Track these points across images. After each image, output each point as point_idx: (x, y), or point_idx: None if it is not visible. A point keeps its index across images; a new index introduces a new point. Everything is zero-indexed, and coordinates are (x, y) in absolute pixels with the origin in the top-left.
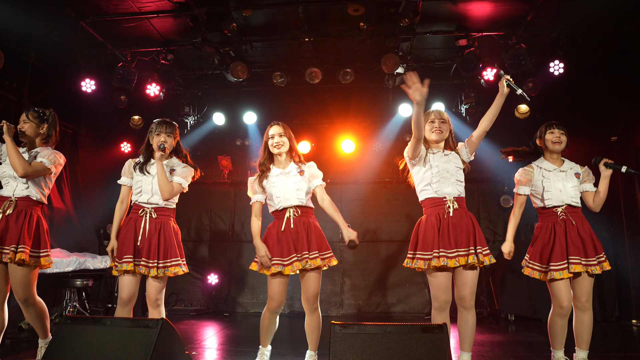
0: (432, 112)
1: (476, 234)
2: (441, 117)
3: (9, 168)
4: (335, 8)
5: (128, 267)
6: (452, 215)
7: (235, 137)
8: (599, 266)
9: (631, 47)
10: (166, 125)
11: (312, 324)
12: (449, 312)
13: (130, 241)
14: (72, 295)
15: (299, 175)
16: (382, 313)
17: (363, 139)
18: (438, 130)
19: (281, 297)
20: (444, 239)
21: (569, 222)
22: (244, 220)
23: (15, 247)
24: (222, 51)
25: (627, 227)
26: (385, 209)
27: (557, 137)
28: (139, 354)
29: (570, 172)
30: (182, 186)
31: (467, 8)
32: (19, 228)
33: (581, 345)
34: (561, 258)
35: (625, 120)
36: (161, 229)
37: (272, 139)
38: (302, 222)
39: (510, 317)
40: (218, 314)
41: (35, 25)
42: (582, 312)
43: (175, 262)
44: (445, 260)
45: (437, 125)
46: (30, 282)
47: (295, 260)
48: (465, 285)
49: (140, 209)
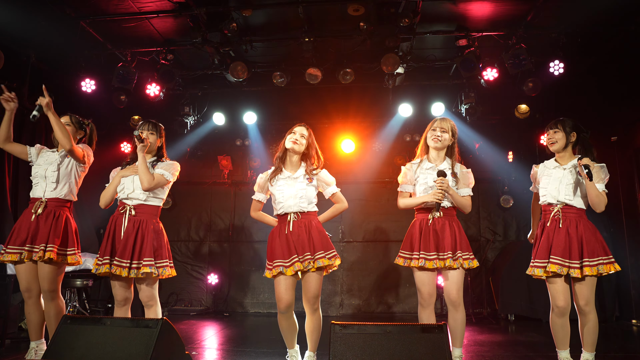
0: (436, 120)
1: (457, 240)
2: (442, 127)
3: (41, 169)
4: (335, 8)
5: (104, 269)
6: (435, 223)
7: (235, 137)
8: (578, 270)
9: (631, 47)
10: (149, 124)
11: (313, 324)
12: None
13: (109, 240)
14: (72, 295)
15: (307, 184)
16: (382, 313)
17: (363, 139)
18: (437, 139)
19: (287, 297)
20: (425, 242)
21: (560, 221)
22: (244, 220)
23: (45, 246)
24: (222, 51)
25: (627, 227)
26: (385, 209)
27: (550, 139)
28: (139, 354)
29: (573, 170)
30: (164, 177)
31: (467, 8)
32: (48, 227)
33: (586, 347)
34: (543, 256)
35: (625, 120)
36: (139, 227)
37: (293, 134)
38: (304, 224)
39: (510, 317)
40: (218, 314)
41: (35, 25)
42: (584, 315)
43: (148, 263)
44: (423, 262)
45: (437, 134)
46: (57, 277)
47: (296, 261)
48: (451, 284)
49: (122, 206)
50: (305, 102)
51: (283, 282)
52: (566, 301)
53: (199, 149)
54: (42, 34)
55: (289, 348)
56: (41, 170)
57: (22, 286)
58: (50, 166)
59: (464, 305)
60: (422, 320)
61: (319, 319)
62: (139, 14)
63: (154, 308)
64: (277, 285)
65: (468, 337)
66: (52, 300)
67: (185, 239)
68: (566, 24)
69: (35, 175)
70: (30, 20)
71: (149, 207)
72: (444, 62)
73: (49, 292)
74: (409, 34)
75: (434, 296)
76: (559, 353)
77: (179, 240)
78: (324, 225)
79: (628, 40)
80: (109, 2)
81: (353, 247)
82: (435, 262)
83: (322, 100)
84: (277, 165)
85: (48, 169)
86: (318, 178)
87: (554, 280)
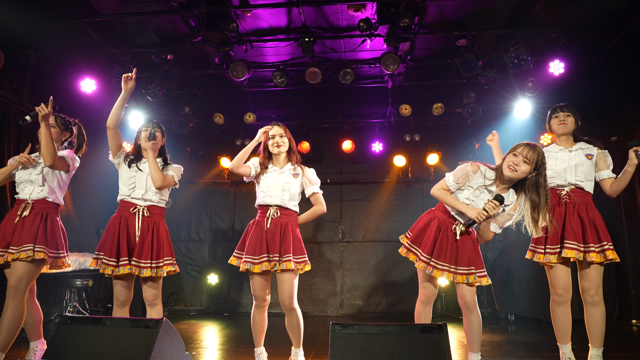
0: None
1: (474, 257)
2: (526, 157)
3: (25, 173)
4: (335, 8)
5: (125, 270)
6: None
7: (235, 137)
8: (600, 254)
9: (631, 47)
10: (153, 124)
11: (292, 324)
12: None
13: (123, 241)
14: (72, 295)
15: (292, 177)
16: (382, 313)
17: (363, 139)
18: (512, 168)
19: (262, 293)
20: (439, 250)
21: (570, 204)
22: (244, 220)
23: (33, 247)
24: (222, 51)
25: (627, 227)
26: (385, 209)
27: (562, 121)
28: (139, 354)
29: (580, 153)
30: (174, 179)
31: (467, 8)
32: (36, 228)
33: (594, 342)
34: (555, 242)
35: (625, 120)
36: (154, 228)
37: (272, 138)
38: (281, 224)
39: (510, 317)
40: (218, 314)
41: (35, 25)
42: (592, 306)
43: (168, 262)
44: (431, 270)
45: (516, 162)
46: (27, 276)
47: (265, 261)
48: (465, 290)
49: (132, 207)
50: (305, 102)
51: (257, 280)
52: (565, 289)
53: (199, 149)
54: (42, 34)
55: (257, 346)
56: (25, 175)
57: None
58: (34, 170)
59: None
60: (420, 317)
61: (297, 317)
62: (139, 14)
63: (158, 306)
64: (253, 283)
65: None
66: (12, 298)
67: (185, 239)
68: (566, 24)
69: (20, 181)
70: (30, 20)
71: (159, 208)
72: (444, 62)
73: (11, 288)
74: (409, 34)
75: (435, 295)
76: (561, 347)
77: (179, 240)
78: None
79: (628, 40)
80: (109, 2)
81: (353, 247)
82: (444, 273)
83: (322, 100)
84: (262, 167)
85: (32, 173)
86: (304, 174)
87: (557, 266)
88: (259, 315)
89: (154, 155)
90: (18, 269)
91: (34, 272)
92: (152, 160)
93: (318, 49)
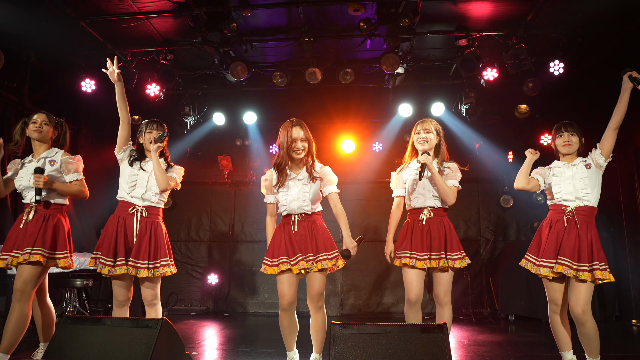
0: (418, 122)
1: (447, 240)
2: (425, 128)
3: (24, 180)
4: (335, 8)
5: (121, 270)
6: (426, 224)
7: (235, 137)
8: (589, 273)
9: (631, 47)
10: (157, 124)
11: (317, 323)
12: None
13: (121, 241)
14: (72, 295)
15: (310, 184)
16: (382, 313)
17: (363, 139)
18: (423, 141)
19: (290, 293)
20: (416, 242)
21: (572, 222)
22: (244, 220)
23: (31, 249)
24: (222, 51)
25: (627, 227)
26: (385, 209)
27: (567, 142)
28: (139, 354)
29: (581, 165)
30: (176, 181)
31: (467, 8)
32: (36, 231)
33: (589, 353)
34: (551, 256)
35: (625, 120)
36: (152, 228)
37: (295, 143)
38: (307, 224)
39: (510, 317)
40: (218, 314)
41: (35, 25)
42: (581, 325)
43: (164, 263)
44: (414, 262)
45: (422, 136)
46: (33, 279)
47: (301, 260)
48: (439, 284)
49: (131, 207)
50: (305, 102)
51: (286, 279)
52: (562, 299)
53: (199, 149)
54: (42, 34)
55: (288, 350)
56: (24, 182)
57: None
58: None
59: (465, 305)
60: (409, 318)
61: (324, 317)
62: (139, 14)
63: (157, 307)
64: (280, 283)
65: (468, 337)
66: (18, 301)
67: (185, 239)
68: (566, 24)
69: (21, 188)
70: (30, 20)
71: (157, 209)
72: (444, 62)
73: (18, 292)
74: (409, 34)
75: (421, 295)
76: (563, 355)
77: (179, 240)
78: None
79: (628, 40)
80: (109, 2)
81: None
82: (426, 262)
83: (322, 100)
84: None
85: (31, 179)
86: (321, 174)
87: (552, 280)
88: (288, 318)
89: (158, 158)
90: (24, 272)
91: (39, 274)
92: (157, 163)
93: (318, 48)
